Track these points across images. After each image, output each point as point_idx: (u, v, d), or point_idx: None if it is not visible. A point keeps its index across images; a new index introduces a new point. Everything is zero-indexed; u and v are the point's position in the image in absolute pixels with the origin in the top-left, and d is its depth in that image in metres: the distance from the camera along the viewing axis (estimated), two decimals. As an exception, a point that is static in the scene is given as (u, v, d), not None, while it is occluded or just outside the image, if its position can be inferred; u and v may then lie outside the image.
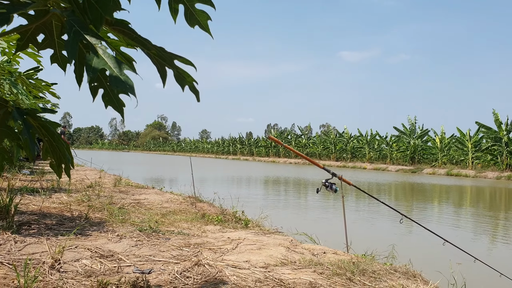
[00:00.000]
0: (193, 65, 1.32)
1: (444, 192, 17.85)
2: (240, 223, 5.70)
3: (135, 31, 1.27)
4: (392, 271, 3.35)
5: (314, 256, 3.71)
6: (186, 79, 1.33)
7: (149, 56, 1.32)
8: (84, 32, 1.07)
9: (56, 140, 1.70)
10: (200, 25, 1.46)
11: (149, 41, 1.27)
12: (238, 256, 3.55)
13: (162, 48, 1.28)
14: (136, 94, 1.11)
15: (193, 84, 1.35)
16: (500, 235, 8.59)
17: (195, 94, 1.38)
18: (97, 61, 1.07)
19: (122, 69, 1.08)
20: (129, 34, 1.27)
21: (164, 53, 1.28)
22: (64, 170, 1.74)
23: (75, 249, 3.36)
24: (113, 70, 1.07)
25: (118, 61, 1.09)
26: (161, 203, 6.69)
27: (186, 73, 1.33)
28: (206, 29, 1.46)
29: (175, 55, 1.31)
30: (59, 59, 1.66)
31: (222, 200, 7.27)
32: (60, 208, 5.36)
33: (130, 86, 1.09)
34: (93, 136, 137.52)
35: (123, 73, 1.08)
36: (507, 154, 29.60)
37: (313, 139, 55.41)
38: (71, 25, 1.06)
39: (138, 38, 1.27)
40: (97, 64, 1.06)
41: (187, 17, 1.46)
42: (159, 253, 3.46)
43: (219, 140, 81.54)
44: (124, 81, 1.07)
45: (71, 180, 8.72)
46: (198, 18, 1.46)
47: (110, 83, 1.07)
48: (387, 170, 35.96)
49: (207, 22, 1.46)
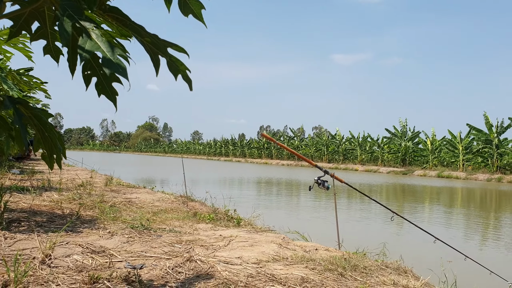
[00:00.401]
0: (186, 52, 1.32)
1: (435, 193, 17.96)
2: (232, 221, 5.69)
3: (129, 17, 1.27)
4: (384, 267, 3.37)
5: (306, 253, 3.72)
6: (179, 67, 1.33)
7: (143, 44, 1.32)
8: (78, 17, 1.07)
9: (48, 130, 1.69)
10: (194, 14, 1.46)
11: (143, 28, 1.27)
12: (230, 252, 3.55)
13: (156, 36, 1.29)
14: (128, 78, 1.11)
15: (186, 73, 1.35)
16: (490, 234, 8.66)
17: (188, 83, 1.38)
18: (91, 44, 1.07)
19: (115, 52, 1.08)
20: (123, 20, 1.27)
21: (158, 41, 1.28)
22: (56, 161, 1.73)
23: (66, 245, 3.34)
24: (106, 53, 1.07)
25: (111, 44, 1.09)
26: (153, 202, 6.66)
27: (179, 61, 1.33)
28: (200, 18, 1.46)
29: (169, 43, 1.31)
30: (52, 50, 1.66)
31: (214, 199, 7.27)
32: (51, 206, 5.32)
33: (123, 69, 1.09)
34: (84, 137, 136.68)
35: (116, 56, 1.08)
36: (497, 156, 29.87)
37: (306, 141, 55.57)
38: (64, 9, 1.06)
39: (132, 24, 1.27)
40: (91, 47, 1.06)
41: (181, 6, 1.46)
42: (150, 249, 3.44)
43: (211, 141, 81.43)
44: (116, 64, 1.07)
45: (62, 180, 8.66)
46: (192, 7, 1.46)
47: (103, 66, 1.07)
48: (379, 171, 36.13)
49: (200, 11, 1.46)
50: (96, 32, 1.10)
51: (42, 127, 1.66)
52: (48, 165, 1.76)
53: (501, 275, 4.48)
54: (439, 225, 9.11)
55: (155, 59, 1.33)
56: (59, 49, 1.65)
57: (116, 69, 1.08)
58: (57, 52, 1.66)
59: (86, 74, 1.38)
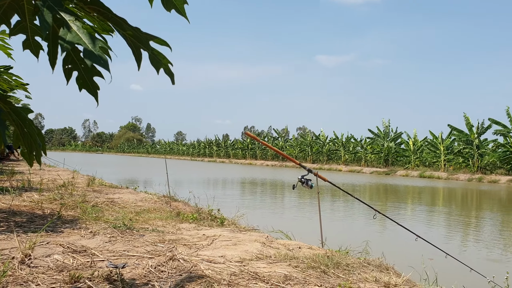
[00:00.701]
0: (168, 45, 1.32)
1: (417, 193, 18.18)
2: (215, 221, 5.67)
3: (111, 9, 1.26)
4: (366, 264, 3.40)
5: (290, 251, 3.73)
6: (162, 61, 1.33)
7: (125, 37, 1.31)
8: (58, 8, 1.06)
9: (28, 126, 1.66)
10: (177, 8, 1.45)
11: (125, 21, 1.26)
12: (213, 251, 3.54)
13: (138, 29, 1.28)
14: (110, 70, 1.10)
15: (168, 67, 1.35)
16: (471, 233, 8.80)
17: (170, 76, 1.37)
18: (71, 36, 1.05)
19: (97, 44, 1.07)
20: (104, 13, 1.26)
21: (140, 34, 1.27)
22: (35, 157, 1.70)
23: (46, 245, 3.30)
24: (88, 45, 1.06)
25: (92, 36, 1.08)
26: (135, 202, 6.61)
27: (161, 55, 1.33)
28: (183, 13, 1.46)
29: (151, 36, 1.30)
30: (31, 45, 1.63)
31: (198, 199, 7.24)
32: (31, 206, 5.24)
33: (104, 61, 1.08)
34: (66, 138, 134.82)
35: (97, 48, 1.07)
36: (478, 156, 30.36)
37: (290, 141, 55.74)
38: (45, 0, 1.05)
39: (114, 17, 1.26)
40: (71, 38, 1.05)
41: (163, 0, 1.45)
42: (133, 248, 3.42)
43: (194, 142, 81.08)
44: (98, 56, 1.06)
45: (42, 180, 8.53)
46: (174, 2, 1.45)
47: (84, 57, 1.06)
48: (362, 172, 36.43)
49: (183, 6, 1.45)
50: (77, 24, 1.09)
51: (21, 122, 1.64)
52: (27, 161, 1.73)
53: (481, 272, 4.55)
54: (421, 224, 9.22)
55: (137, 53, 1.32)
56: (39, 43, 1.63)
57: (97, 61, 1.07)
58: (37, 47, 1.63)
59: (67, 68, 1.37)
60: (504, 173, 28.92)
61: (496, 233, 8.75)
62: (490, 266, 6.05)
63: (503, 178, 26.65)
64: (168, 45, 1.32)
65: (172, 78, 1.37)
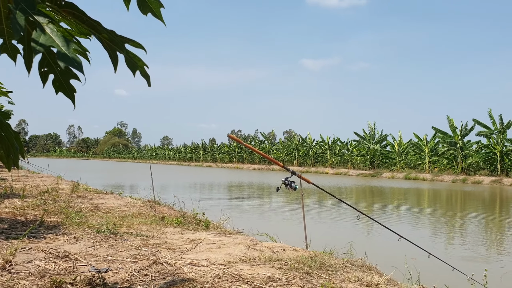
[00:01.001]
0: (143, 48, 1.33)
1: (402, 195, 18.35)
2: (200, 225, 5.67)
3: (85, 13, 1.27)
4: (349, 265, 3.43)
5: (274, 253, 3.74)
6: (137, 63, 1.34)
7: (100, 40, 1.32)
8: (31, 10, 1.06)
9: (5, 130, 1.66)
10: (153, 12, 1.47)
11: (99, 24, 1.26)
12: (197, 255, 3.54)
13: (113, 31, 1.28)
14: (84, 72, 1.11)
15: (144, 69, 1.36)
16: (454, 233, 8.92)
17: (146, 78, 1.38)
18: (45, 38, 1.06)
19: (70, 47, 1.08)
20: (79, 16, 1.26)
21: (115, 37, 1.28)
22: (13, 161, 1.69)
23: (28, 251, 3.27)
24: (61, 47, 1.07)
25: (66, 39, 1.08)
26: (120, 207, 6.57)
27: (137, 57, 1.34)
28: (159, 17, 1.47)
29: (126, 39, 1.31)
30: (8, 49, 1.62)
31: (183, 203, 7.22)
32: (13, 212, 5.18)
33: (78, 63, 1.08)
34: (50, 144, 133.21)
35: (71, 51, 1.08)
36: (462, 158, 30.76)
37: (277, 145, 55.82)
38: (17, 2, 1.05)
39: (89, 20, 1.27)
40: (45, 41, 1.06)
41: (139, 4, 1.46)
42: (116, 253, 3.40)
43: (181, 147, 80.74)
44: (71, 58, 1.07)
45: (25, 186, 8.43)
46: (150, 5, 1.46)
47: (58, 60, 1.06)
48: (348, 174, 36.65)
49: (159, 10, 1.47)
50: (51, 27, 1.09)
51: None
52: (5, 165, 1.72)
53: (463, 270, 4.62)
54: (406, 225, 9.32)
55: (113, 56, 1.33)
56: (16, 47, 1.62)
57: (71, 63, 1.08)
58: (14, 50, 1.63)
59: (43, 71, 1.37)
60: (488, 174, 29.35)
61: (479, 233, 8.88)
62: (473, 265, 6.14)
63: (486, 179, 27.04)
64: (143, 47, 1.33)
65: (148, 80, 1.38)
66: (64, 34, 1.60)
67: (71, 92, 1.36)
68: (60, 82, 1.35)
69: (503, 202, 16.51)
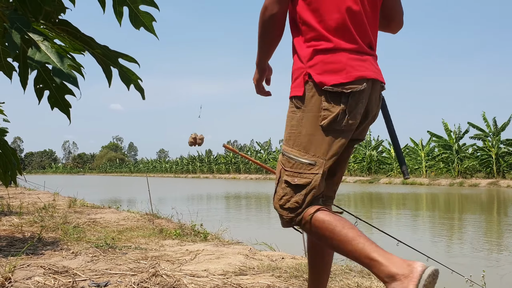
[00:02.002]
0: (137, 62, 1.35)
1: (400, 199, 18.39)
2: (199, 236, 5.67)
3: (79, 29, 1.29)
4: (348, 271, 3.44)
5: (273, 262, 3.75)
6: (131, 77, 1.36)
7: (94, 56, 1.35)
8: (26, 29, 1.09)
9: (2, 147, 1.68)
10: (145, 26, 1.49)
11: (93, 39, 1.29)
12: (196, 266, 3.54)
13: (106, 47, 1.31)
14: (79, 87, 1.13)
15: (138, 82, 1.38)
16: (453, 235, 8.94)
17: (140, 92, 1.40)
18: (40, 55, 1.08)
19: (65, 62, 1.10)
20: (73, 32, 1.29)
21: (108, 52, 1.31)
22: (11, 177, 1.71)
23: (27, 267, 3.26)
24: (56, 63, 1.09)
25: (61, 56, 1.11)
26: (118, 221, 6.56)
27: (130, 71, 1.36)
28: (151, 30, 1.50)
29: (120, 53, 1.33)
30: (4, 66, 1.65)
31: (181, 215, 7.21)
32: (11, 230, 5.16)
33: (73, 78, 1.11)
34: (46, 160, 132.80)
35: (65, 66, 1.10)
36: (458, 161, 30.88)
37: (274, 154, 55.87)
38: (13, 21, 1.08)
39: (82, 36, 1.30)
40: (40, 58, 1.08)
41: (132, 19, 1.49)
42: (115, 266, 3.40)
43: (177, 159, 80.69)
44: (67, 74, 1.09)
45: (22, 203, 8.40)
46: (142, 19, 1.49)
47: (53, 75, 1.09)
48: (346, 181, 36.69)
49: (151, 24, 1.50)
50: (46, 44, 1.12)
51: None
52: (3, 182, 1.74)
53: (462, 273, 4.63)
54: (404, 229, 9.33)
55: (107, 70, 1.35)
56: (12, 65, 1.65)
57: (67, 79, 1.10)
58: (10, 68, 1.65)
59: (38, 87, 1.39)
60: (484, 176, 29.47)
61: (477, 235, 8.91)
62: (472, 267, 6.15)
63: (483, 182, 27.14)
64: (136, 61, 1.35)
65: (142, 94, 1.40)
66: (59, 50, 1.63)
67: (66, 108, 1.39)
68: (56, 98, 1.37)
69: (501, 204, 16.57)
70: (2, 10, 1.15)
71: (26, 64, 1.29)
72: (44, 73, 1.36)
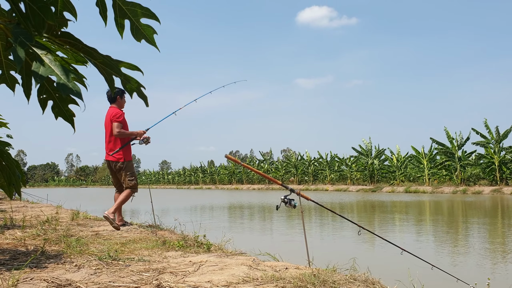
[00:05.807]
0: (140, 70, 1.37)
1: (403, 208, 18.32)
2: (202, 247, 5.64)
3: (81, 40, 1.31)
4: (352, 280, 3.42)
5: (276, 272, 3.73)
6: (134, 85, 1.37)
7: (96, 66, 1.36)
8: (30, 43, 1.10)
9: (6, 159, 1.68)
10: (147, 39, 1.51)
11: (95, 50, 1.30)
12: (200, 277, 3.53)
13: (108, 56, 1.33)
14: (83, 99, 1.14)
15: (140, 90, 1.39)
16: (457, 243, 8.88)
17: (144, 99, 1.42)
18: (44, 69, 1.10)
19: (69, 76, 1.12)
20: (75, 44, 1.31)
21: (111, 61, 1.32)
22: (15, 189, 1.72)
23: (30, 281, 3.25)
24: (60, 77, 1.10)
25: (65, 69, 1.12)
26: (121, 233, 6.55)
27: (133, 79, 1.37)
28: (153, 43, 1.51)
29: (121, 62, 1.35)
30: (7, 79, 1.67)
31: (184, 226, 7.19)
32: (14, 243, 5.15)
33: (77, 92, 1.12)
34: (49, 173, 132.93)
35: (70, 80, 1.11)
36: (460, 169, 30.80)
37: (276, 163, 55.86)
38: (16, 36, 1.09)
39: (85, 48, 1.31)
40: (44, 72, 1.09)
41: (133, 31, 1.51)
42: (119, 279, 3.39)
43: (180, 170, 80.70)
44: (71, 88, 1.10)
45: (25, 217, 8.40)
46: (144, 32, 1.51)
47: (58, 89, 1.10)
48: (348, 190, 36.60)
49: (153, 36, 1.51)
50: (49, 57, 1.13)
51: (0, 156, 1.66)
52: (7, 193, 1.74)
53: (467, 281, 4.61)
54: (408, 237, 9.29)
55: (109, 79, 1.36)
56: (14, 78, 1.67)
57: (71, 92, 1.12)
58: (13, 81, 1.67)
59: (42, 98, 1.40)
60: (487, 183, 29.36)
61: (482, 243, 8.85)
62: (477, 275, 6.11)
63: (486, 189, 27.05)
64: (139, 69, 1.37)
65: (145, 101, 1.42)
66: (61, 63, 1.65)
67: (70, 117, 1.40)
68: (59, 107, 1.38)
69: (505, 211, 16.50)
70: (5, 24, 1.17)
71: (29, 77, 1.30)
72: (48, 84, 1.37)
